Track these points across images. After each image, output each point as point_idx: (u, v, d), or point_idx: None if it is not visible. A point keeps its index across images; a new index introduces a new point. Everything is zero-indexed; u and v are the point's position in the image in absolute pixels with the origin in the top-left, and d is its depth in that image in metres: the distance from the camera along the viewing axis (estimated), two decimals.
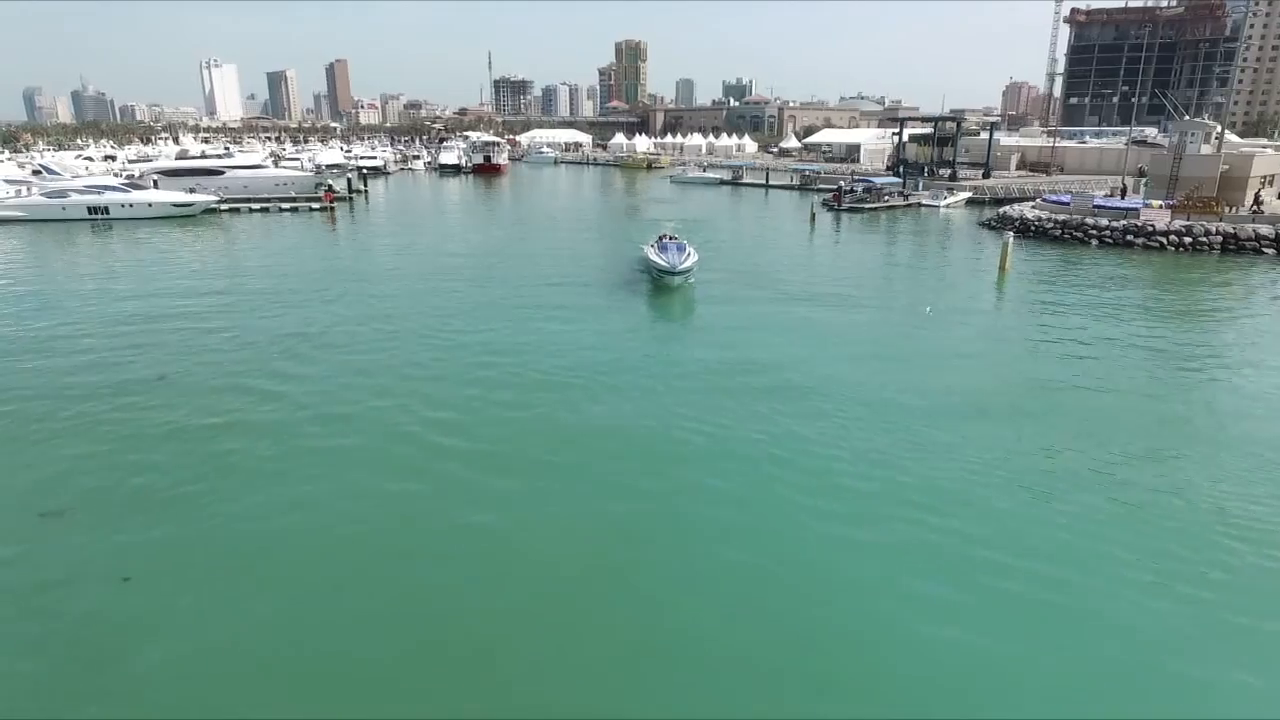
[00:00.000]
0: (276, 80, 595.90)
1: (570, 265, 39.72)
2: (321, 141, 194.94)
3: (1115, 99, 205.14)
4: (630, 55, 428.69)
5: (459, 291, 32.64)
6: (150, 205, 55.17)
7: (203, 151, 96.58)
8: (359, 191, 76.62)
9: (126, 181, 59.10)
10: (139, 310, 28.73)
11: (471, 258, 42.20)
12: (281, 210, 62.08)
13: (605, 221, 61.03)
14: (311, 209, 63.05)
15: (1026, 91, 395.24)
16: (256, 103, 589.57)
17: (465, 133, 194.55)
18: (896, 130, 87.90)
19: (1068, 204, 47.94)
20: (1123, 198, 52.62)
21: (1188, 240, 43.21)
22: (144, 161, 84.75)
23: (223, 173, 67.91)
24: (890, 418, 18.18)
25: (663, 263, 30.73)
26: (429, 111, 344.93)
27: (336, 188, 72.33)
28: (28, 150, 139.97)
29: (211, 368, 21.80)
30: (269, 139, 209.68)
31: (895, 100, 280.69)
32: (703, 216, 62.81)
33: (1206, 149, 49.93)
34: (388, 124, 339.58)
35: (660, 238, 35.90)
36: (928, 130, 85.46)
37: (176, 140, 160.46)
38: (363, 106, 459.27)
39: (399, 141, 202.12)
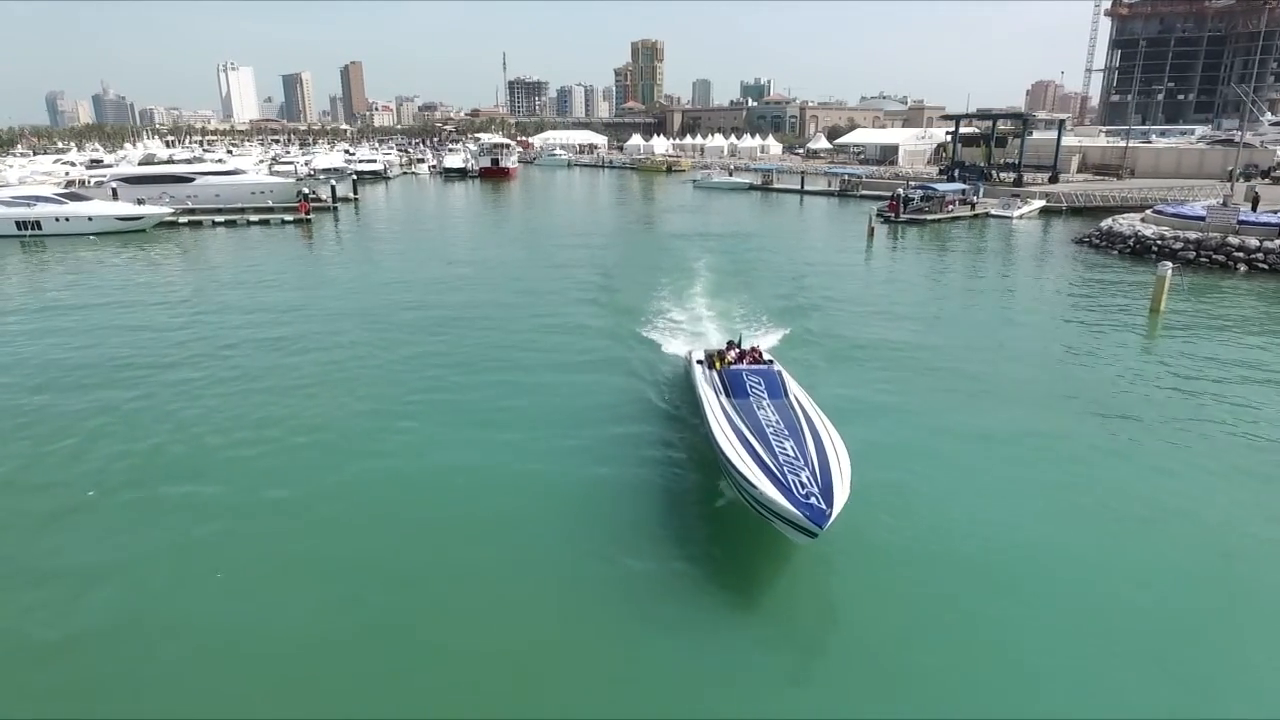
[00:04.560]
0: (292, 83, 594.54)
1: (574, 341, 24.96)
2: (330, 144, 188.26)
3: (1161, 95, 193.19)
4: (646, 55, 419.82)
5: (413, 382, 20.79)
6: (90, 219, 47.14)
7: (170, 156, 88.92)
8: (347, 199, 68.51)
9: (63, 192, 51.14)
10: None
11: (451, 302, 33.00)
12: (250, 223, 53.87)
13: (626, 251, 46.90)
14: (284, 221, 54.80)
15: (1053, 90, 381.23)
16: (273, 105, 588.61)
17: (476, 134, 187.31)
18: (951, 130, 78.64)
19: (1202, 219, 38.47)
20: (1254, 209, 43.07)
21: None
22: (101, 167, 77.17)
23: (192, 179, 60.15)
24: None
25: (778, 497, 10.96)
26: (443, 113, 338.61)
27: (321, 195, 64.45)
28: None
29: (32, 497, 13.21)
30: (275, 141, 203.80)
31: (917, 100, 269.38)
32: (737, 230, 53.99)
33: None
34: (400, 126, 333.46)
35: (726, 351, 17.75)
36: (972, 130, 76.73)
37: (180, 143, 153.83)
38: (377, 109, 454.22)
39: (410, 144, 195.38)
